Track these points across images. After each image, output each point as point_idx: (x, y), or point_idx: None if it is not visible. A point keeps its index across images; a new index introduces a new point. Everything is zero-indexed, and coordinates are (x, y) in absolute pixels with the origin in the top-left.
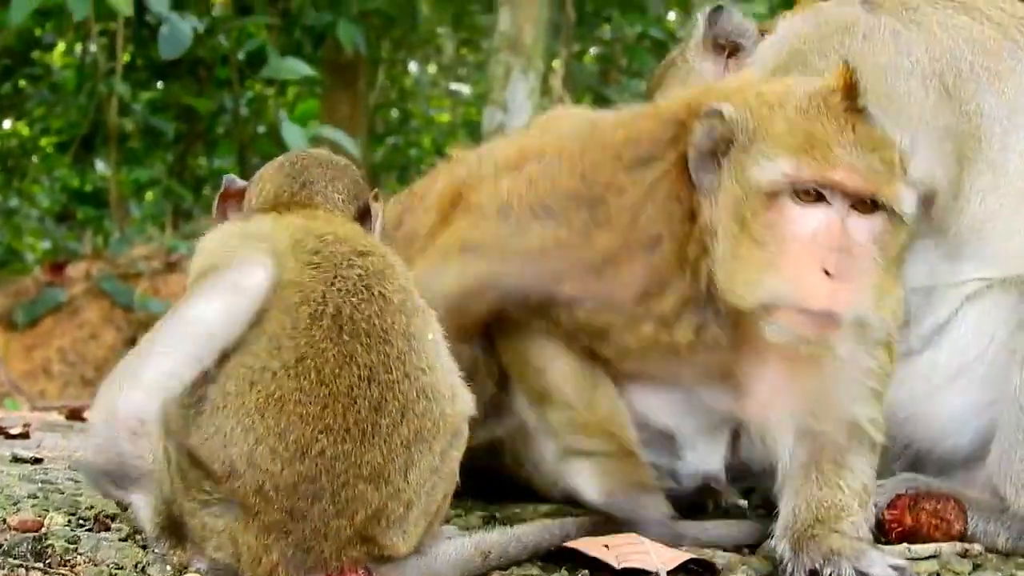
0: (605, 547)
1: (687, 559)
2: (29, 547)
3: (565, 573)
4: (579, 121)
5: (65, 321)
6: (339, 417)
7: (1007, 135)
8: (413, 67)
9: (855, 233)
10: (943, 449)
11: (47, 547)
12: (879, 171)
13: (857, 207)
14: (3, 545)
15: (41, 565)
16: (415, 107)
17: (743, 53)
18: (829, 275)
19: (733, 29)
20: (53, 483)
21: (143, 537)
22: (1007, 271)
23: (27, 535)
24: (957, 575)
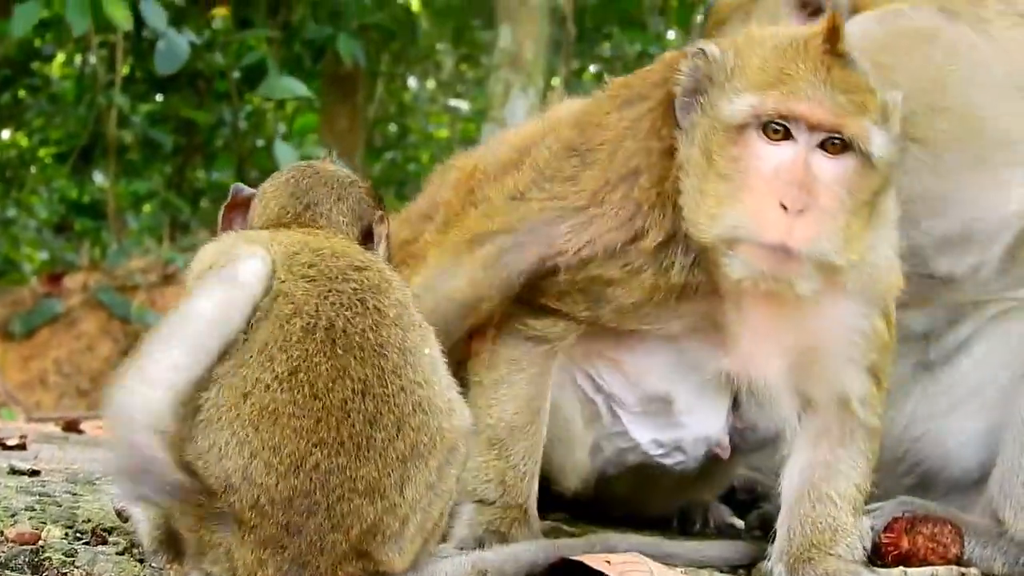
0: (607, 563)
1: None
2: (26, 560)
3: None
4: (580, 102)
5: (62, 332)
6: (333, 431)
7: None
8: (412, 82)
9: (819, 171)
10: (952, 471)
11: (44, 560)
12: (846, 108)
13: (827, 148)
14: (0, 558)
15: None
16: (413, 122)
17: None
18: (786, 210)
19: None
20: (51, 495)
21: (140, 551)
22: None
23: (24, 548)
24: None
